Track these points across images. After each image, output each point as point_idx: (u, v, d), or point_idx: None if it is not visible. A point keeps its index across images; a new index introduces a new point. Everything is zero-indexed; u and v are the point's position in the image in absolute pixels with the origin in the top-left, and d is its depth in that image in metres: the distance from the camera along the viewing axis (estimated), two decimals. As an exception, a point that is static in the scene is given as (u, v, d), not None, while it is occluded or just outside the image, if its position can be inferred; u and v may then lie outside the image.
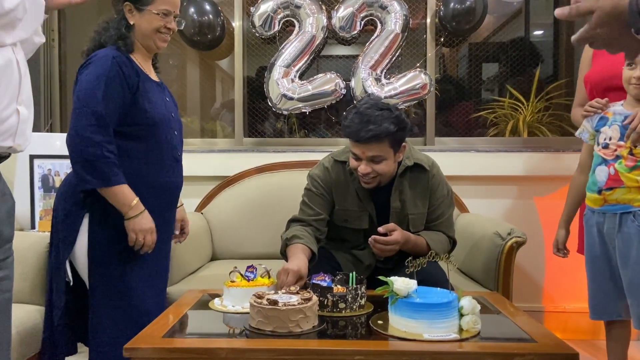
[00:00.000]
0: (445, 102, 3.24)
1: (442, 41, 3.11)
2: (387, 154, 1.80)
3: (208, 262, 2.68)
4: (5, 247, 1.18)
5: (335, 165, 1.96)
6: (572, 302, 2.86)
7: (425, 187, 1.93)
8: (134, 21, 1.75)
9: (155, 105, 1.76)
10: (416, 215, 1.93)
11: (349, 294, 1.55)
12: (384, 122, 1.75)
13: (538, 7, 3.32)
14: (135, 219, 1.67)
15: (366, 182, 1.85)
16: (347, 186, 1.93)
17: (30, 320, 1.86)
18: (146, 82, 1.76)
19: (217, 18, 3.03)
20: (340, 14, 2.95)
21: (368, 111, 1.78)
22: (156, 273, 1.82)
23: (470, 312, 1.38)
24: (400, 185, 1.92)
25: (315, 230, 1.92)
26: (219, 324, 1.53)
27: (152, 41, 1.78)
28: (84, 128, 1.61)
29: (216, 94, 3.47)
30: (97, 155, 1.61)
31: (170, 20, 1.78)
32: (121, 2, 1.75)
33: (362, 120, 1.76)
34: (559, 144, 2.99)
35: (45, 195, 2.39)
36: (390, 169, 1.84)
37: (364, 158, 1.80)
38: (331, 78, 2.96)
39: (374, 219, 1.93)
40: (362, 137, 1.76)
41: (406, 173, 1.92)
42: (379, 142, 1.77)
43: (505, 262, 2.14)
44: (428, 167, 1.93)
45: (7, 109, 1.05)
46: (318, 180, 1.96)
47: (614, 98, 2.02)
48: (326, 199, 1.95)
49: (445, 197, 1.97)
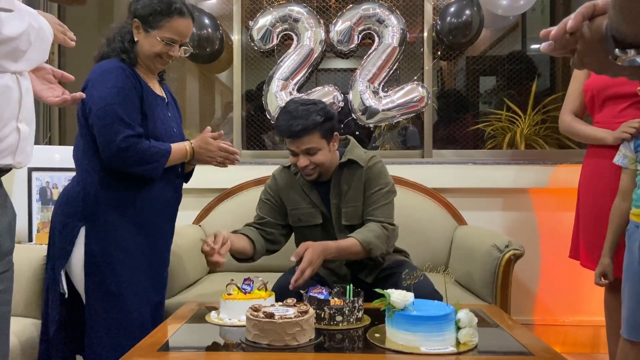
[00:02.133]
0: (443, 114, 3.26)
1: (439, 54, 3.13)
2: (320, 144, 1.89)
3: (206, 275, 2.67)
4: (5, 260, 1.18)
5: (282, 171, 2.09)
6: (571, 315, 2.85)
7: (359, 180, 1.98)
8: (139, 39, 1.75)
9: (156, 120, 1.77)
10: (349, 208, 1.97)
11: (346, 307, 1.55)
12: (310, 115, 1.86)
13: (534, 21, 3.36)
14: (198, 158, 1.83)
15: (308, 174, 1.93)
16: (293, 186, 2.04)
17: (26, 334, 1.84)
18: (149, 96, 1.77)
19: (216, 32, 3.06)
20: (338, 28, 2.97)
21: (294, 108, 1.90)
22: (152, 285, 1.82)
23: (467, 325, 1.38)
24: (337, 182, 1.99)
25: (262, 231, 2.02)
26: (216, 337, 1.52)
27: (151, 62, 1.78)
28: (118, 141, 1.64)
29: (215, 107, 3.48)
30: (139, 151, 1.67)
31: (174, 49, 1.76)
32: (131, 17, 1.74)
33: (290, 117, 1.87)
34: (556, 156, 3.00)
35: (43, 207, 2.39)
36: (327, 159, 1.93)
37: (299, 152, 1.90)
38: (329, 91, 2.98)
39: (324, 213, 2.00)
40: (293, 132, 1.86)
41: (342, 169, 1.99)
42: (309, 134, 1.87)
43: (503, 275, 2.14)
44: (363, 163, 1.98)
45: (6, 127, 1.05)
46: (267, 189, 2.10)
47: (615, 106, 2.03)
48: (272, 204, 2.06)
49: (382, 187, 1.98)
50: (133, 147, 1.66)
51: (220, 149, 1.85)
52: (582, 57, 0.78)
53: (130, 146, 1.65)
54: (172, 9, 1.71)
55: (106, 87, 1.67)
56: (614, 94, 2.06)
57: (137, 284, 1.75)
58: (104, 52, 1.76)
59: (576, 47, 0.78)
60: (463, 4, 2.94)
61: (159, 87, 1.88)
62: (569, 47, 0.79)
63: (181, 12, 1.72)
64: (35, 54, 1.08)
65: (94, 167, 1.72)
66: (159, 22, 1.71)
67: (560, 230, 2.79)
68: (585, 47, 0.77)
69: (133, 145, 1.66)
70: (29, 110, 1.13)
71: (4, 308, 1.20)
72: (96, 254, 1.71)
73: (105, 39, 1.79)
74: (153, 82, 1.84)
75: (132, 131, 1.66)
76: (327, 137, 1.92)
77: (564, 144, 3.09)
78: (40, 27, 1.08)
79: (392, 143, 3.19)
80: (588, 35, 0.75)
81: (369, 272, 1.99)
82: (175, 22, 1.72)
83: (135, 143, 1.67)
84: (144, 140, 1.70)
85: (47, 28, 1.11)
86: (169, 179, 1.82)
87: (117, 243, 1.71)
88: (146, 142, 1.70)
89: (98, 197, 1.71)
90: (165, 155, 1.72)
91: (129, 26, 1.75)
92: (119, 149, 1.65)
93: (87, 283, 1.72)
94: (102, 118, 1.65)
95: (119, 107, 1.65)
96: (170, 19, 1.71)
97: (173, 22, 1.71)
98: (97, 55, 1.79)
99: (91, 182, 1.72)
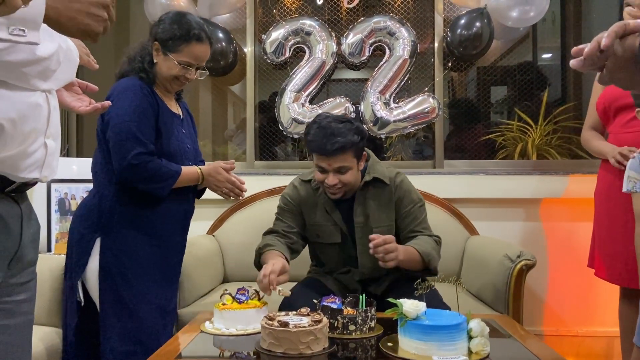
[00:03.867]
0: (454, 125, 3.27)
1: (449, 66, 3.16)
2: (352, 163, 1.86)
3: (220, 285, 2.70)
4: (28, 270, 1.21)
5: (302, 184, 2.03)
6: (584, 325, 2.83)
7: (389, 199, 1.95)
8: (158, 61, 1.80)
9: (170, 137, 1.81)
10: (381, 228, 1.92)
11: (359, 316, 1.56)
12: (347, 133, 1.82)
13: (545, 31, 3.37)
14: (206, 184, 1.86)
15: (333, 193, 1.89)
16: (314, 202, 1.99)
17: (50, 341, 1.90)
18: (165, 114, 1.81)
19: (229, 45, 3.12)
20: (349, 41, 3.02)
21: (330, 125, 1.83)
22: (164, 295, 1.85)
23: (479, 334, 1.39)
24: (362, 200, 1.94)
25: (288, 240, 1.96)
26: (228, 347, 1.54)
27: (168, 84, 1.83)
28: (130, 158, 1.68)
29: (228, 118, 3.53)
30: (149, 169, 1.71)
31: (190, 72, 1.80)
32: (152, 39, 1.80)
33: (325, 134, 1.82)
34: (567, 166, 3.00)
35: (62, 218, 2.44)
36: (355, 179, 1.89)
37: (330, 170, 1.85)
38: (341, 102, 3.01)
39: (344, 231, 1.96)
40: (328, 150, 1.81)
41: (367, 188, 1.94)
42: (344, 153, 1.82)
43: (515, 285, 2.14)
44: (389, 180, 1.95)
45: (35, 142, 1.09)
46: (288, 198, 2.02)
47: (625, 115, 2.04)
48: (296, 213, 2.00)
49: (416, 203, 1.97)
50: (143, 164, 1.70)
51: (228, 180, 1.88)
52: (613, 73, 0.83)
53: (141, 164, 1.70)
54: (190, 35, 1.75)
55: (124, 104, 1.72)
56: (624, 105, 2.08)
57: (149, 294, 1.79)
58: (125, 71, 1.82)
59: (605, 63, 0.83)
60: (473, 16, 2.96)
61: (175, 105, 1.92)
62: (599, 64, 0.84)
63: (199, 38, 1.77)
64: (64, 74, 1.13)
65: (110, 181, 1.77)
66: (177, 46, 1.76)
67: (573, 240, 2.79)
68: (616, 64, 0.82)
69: (144, 163, 1.70)
70: (56, 127, 1.17)
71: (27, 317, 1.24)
72: (110, 265, 1.75)
73: (126, 57, 1.84)
74: (170, 100, 1.89)
75: (144, 149, 1.71)
76: (358, 157, 1.88)
77: (576, 154, 3.08)
78: (69, 47, 1.13)
79: (403, 153, 3.21)
80: (620, 52, 0.81)
81: (378, 285, 1.98)
82: (193, 47, 1.76)
83: (146, 161, 1.71)
84: (156, 159, 1.74)
85: (74, 49, 1.15)
86: (183, 194, 1.86)
87: (131, 254, 1.76)
88: (158, 161, 1.74)
89: (113, 210, 1.76)
90: (174, 177, 1.76)
91: (149, 47, 1.81)
92: (130, 165, 1.69)
93: (102, 292, 1.76)
94: (117, 134, 1.71)
95: (134, 125, 1.70)
96: (188, 44, 1.76)
97: (191, 47, 1.76)
98: (117, 72, 1.84)
99: (107, 195, 1.77)
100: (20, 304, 1.20)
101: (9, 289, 1.17)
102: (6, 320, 1.17)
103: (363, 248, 1.92)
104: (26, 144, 1.07)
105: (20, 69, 1.01)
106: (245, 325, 1.59)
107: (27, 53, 1.00)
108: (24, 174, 1.10)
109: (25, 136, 1.06)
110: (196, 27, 1.77)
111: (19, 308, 1.19)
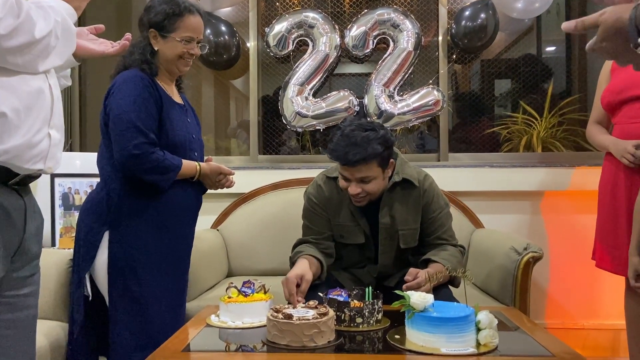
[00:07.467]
0: (459, 118, 3.25)
1: (454, 58, 3.13)
2: (376, 173, 1.78)
3: (224, 279, 2.70)
4: (32, 263, 1.21)
5: (327, 182, 1.96)
6: (590, 318, 2.82)
7: (416, 202, 1.90)
8: (158, 47, 1.81)
9: (176, 127, 1.80)
10: (407, 231, 1.89)
11: (365, 309, 1.55)
12: (370, 143, 1.73)
13: (550, 23, 3.34)
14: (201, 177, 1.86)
15: (357, 201, 1.84)
16: (340, 202, 1.92)
17: (54, 335, 1.89)
18: (169, 105, 1.81)
19: (232, 38, 3.10)
20: (353, 33, 2.99)
21: (353, 133, 1.75)
22: (174, 289, 1.85)
23: (487, 326, 1.38)
24: (389, 201, 1.88)
25: (321, 246, 1.92)
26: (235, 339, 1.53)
27: (174, 66, 1.84)
28: (131, 148, 1.68)
29: (230, 113, 3.52)
30: (151, 160, 1.70)
31: (193, 46, 1.83)
32: (146, 29, 1.81)
33: (348, 143, 1.74)
34: (573, 159, 2.98)
35: (66, 213, 2.44)
36: (379, 187, 1.83)
37: (353, 180, 1.79)
38: (344, 95, 3.00)
39: (367, 234, 1.91)
40: (349, 161, 1.73)
41: (395, 189, 1.88)
42: (367, 163, 1.75)
43: (522, 278, 2.13)
44: (418, 182, 1.89)
45: (39, 133, 1.09)
46: (314, 199, 1.96)
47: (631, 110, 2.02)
48: (324, 216, 1.95)
49: (443, 209, 1.94)
50: (145, 154, 1.70)
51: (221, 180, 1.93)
52: (602, 40, 0.87)
53: (143, 154, 1.69)
54: (182, 9, 1.79)
55: (124, 95, 1.72)
56: (630, 97, 2.07)
57: (158, 287, 1.78)
58: (126, 63, 1.81)
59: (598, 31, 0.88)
60: (478, 7, 2.94)
61: (178, 95, 1.92)
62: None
63: (190, 10, 1.81)
64: (64, 46, 1.12)
65: (116, 174, 1.76)
66: (173, 24, 1.79)
67: (578, 233, 2.78)
68: (605, 33, 0.86)
69: (145, 153, 1.70)
70: (59, 117, 1.16)
71: (31, 311, 1.23)
72: (119, 258, 1.74)
73: (121, 56, 1.83)
74: (172, 90, 1.88)
75: (145, 139, 1.70)
76: (384, 166, 1.80)
77: (581, 147, 3.07)
78: (63, 17, 1.11)
79: (407, 147, 3.19)
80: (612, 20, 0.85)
81: (393, 278, 1.95)
82: (188, 19, 1.80)
83: (148, 151, 1.70)
84: (159, 150, 1.73)
85: (68, 15, 1.14)
86: (190, 185, 1.86)
87: (140, 247, 1.75)
88: (160, 152, 1.73)
89: (121, 203, 1.75)
90: (176, 170, 1.76)
91: (146, 39, 1.81)
92: (131, 155, 1.69)
93: (110, 286, 1.75)
94: (118, 124, 1.70)
95: (135, 115, 1.70)
96: (182, 18, 1.79)
97: (186, 20, 1.80)
98: (115, 70, 1.84)
99: (114, 189, 1.76)
100: (24, 298, 1.20)
101: (13, 283, 1.16)
102: (10, 314, 1.16)
103: (384, 249, 1.90)
104: (30, 133, 1.07)
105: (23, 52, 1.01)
106: (251, 318, 1.58)
107: (26, 35, 1.00)
108: (29, 165, 1.09)
109: (29, 126, 1.06)
110: (184, 1, 1.82)
111: (23, 302, 1.19)
